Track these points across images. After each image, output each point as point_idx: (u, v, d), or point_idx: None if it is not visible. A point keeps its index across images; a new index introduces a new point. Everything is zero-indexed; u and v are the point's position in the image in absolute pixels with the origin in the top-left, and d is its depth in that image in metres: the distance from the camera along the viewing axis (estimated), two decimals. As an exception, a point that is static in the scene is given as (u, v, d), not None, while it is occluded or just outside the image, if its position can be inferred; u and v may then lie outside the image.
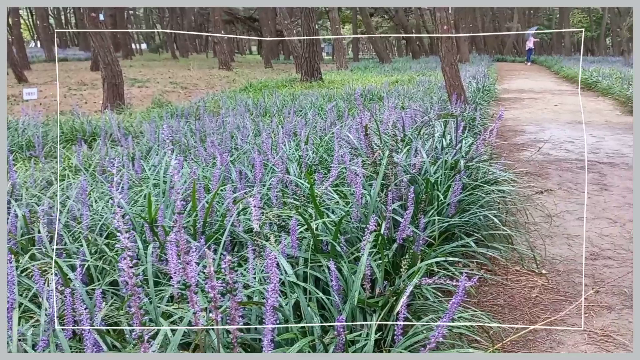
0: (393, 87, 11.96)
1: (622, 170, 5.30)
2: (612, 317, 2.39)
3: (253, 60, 36.07)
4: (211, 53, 36.61)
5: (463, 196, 2.80)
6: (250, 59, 39.71)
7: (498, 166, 3.73)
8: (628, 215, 3.87)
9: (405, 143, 3.44)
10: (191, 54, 38.47)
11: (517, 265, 2.94)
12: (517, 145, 6.73)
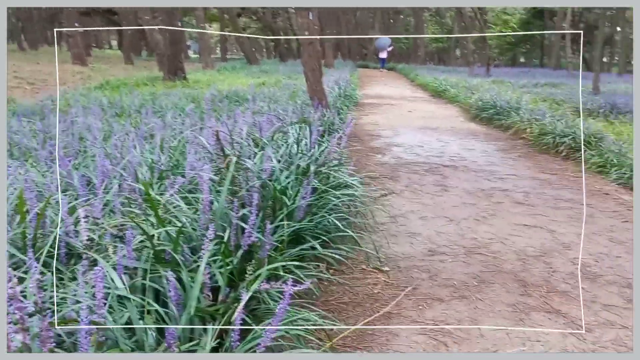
0: (259, 89, 12.02)
1: (461, 173, 5.85)
2: (442, 308, 2.64)
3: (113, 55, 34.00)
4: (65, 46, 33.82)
5: (313, 200, 2.91)
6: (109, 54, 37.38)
7: (349, 170, 3.92)
8: (462, 214, 4.28)
9: (259, 148, 3.48)
10: (42, 46, 35.18)
11: (364, 264, 3.12)
12: (373, 148, 7.12)
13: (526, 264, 3.26)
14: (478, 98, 11.42)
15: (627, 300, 2.77)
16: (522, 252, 3.48)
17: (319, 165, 3.25)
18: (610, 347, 2.30)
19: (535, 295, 2.80)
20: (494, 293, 2.82)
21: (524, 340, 2.33)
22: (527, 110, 9.19)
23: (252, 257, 2.15)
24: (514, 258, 3.36)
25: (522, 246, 3.58)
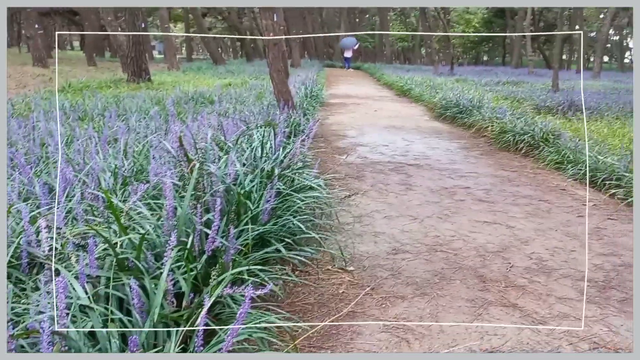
0: (226, 90, 11.97)
1: (425, 171, 5.97)
2: (404, 305, 2.71)
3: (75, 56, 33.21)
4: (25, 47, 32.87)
5: (277, 203, 2.95)
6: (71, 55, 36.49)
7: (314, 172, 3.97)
8: (426, 212, 4.39)
9: (224, 152, 3.50)
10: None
11: (329, 264, 3.18)
12: (339, 148, 7.19)
13: (486, 260, 3.37)
14: (442, 97, 11.64)
15: (580, 292, 2.90)
16: (482, 248, 3.59)
17: (283, 168, 3.30)
18: (564, 338, 2.41)
19: (493, 290, 2.91)
20: (454, 289, 2.91)
21: (482, 334, 2.43)
22: (488, 109, 9.42)
23: (216, 261, 2.18)
24: (474, 254, 3.47)
25: (482, 242, 3.70)
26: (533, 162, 6.61)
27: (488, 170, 6.09)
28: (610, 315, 2.65)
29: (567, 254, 3.51)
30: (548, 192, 5.16)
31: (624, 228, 4.09)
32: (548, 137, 6.92)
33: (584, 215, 4.40)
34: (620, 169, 5.20)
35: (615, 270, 3.25)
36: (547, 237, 3.85)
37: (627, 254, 3.51)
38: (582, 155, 5.91)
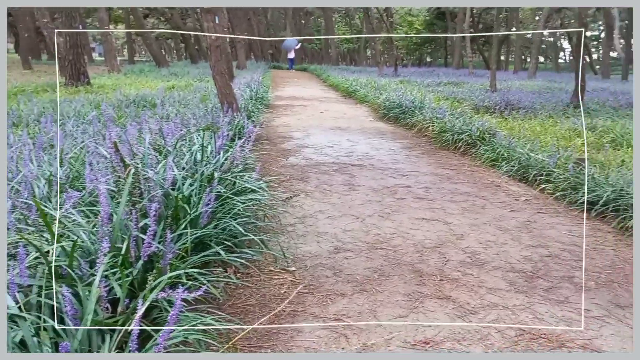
0: (169, 93, 11.77)
1: (368, 171, 6.10)
2: (344, 302, 2.79)
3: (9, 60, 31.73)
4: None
5: (217, 206, 2.97)
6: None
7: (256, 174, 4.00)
8: (368, 212, 4.50)
9: (163, 156, 3.48)
10: None
11: (272, 265, 3.22)
12: (285, 150, 7.23)
13: (423, 256, 3.50)
14: (386, 98, 11.88)
15: (509, 283, 3.07)
16: (420, 244, 3.73)
17: (224, 172, 3.31)
18: (492, 326, 2.55)
19: (429, 284, 3.03)
20: (392, 284, 3.02)
21: (417, 326, 2.54)
22: (429, 109, 9.70)
23: (153, 266, 2.18)
24: (412, 250, 3.60)
25: (420, 239, 3.84)
26: (471, 160, 6.87)
27: (428, 169, 6.29)
28: (536, 303, 2.82)
29: (498, 247, 3.69)
30: (483, 189, 5.39)
31: (552, 221, 4.33)
32: (484, 136, 7.21)
33: (516, 210, 4.64)
34: (550, 165, 5.50)
35: (543, 260, 3.44)
36: (481, 231, 4.03)
37: (554, 245, 3.73)
38: (515, 152, 6.20)
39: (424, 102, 10.84)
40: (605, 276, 3.21)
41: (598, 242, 3.82)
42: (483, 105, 11.85)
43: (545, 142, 7.03)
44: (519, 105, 11.61)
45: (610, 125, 8.87)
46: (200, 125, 6.02)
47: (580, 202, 4.60)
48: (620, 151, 6.94)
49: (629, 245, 3.76)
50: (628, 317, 2.67)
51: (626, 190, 4.30)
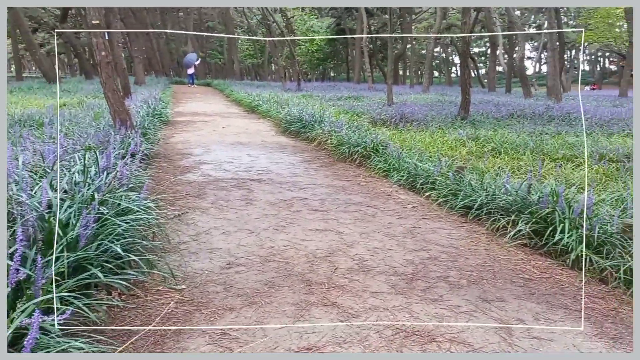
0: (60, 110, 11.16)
1: (266, 185, 6.18)
2: (232, 316, 2.83)
3: None
4: None
5: (98, 228, 2.90)
6: None
7: (144, 193, 3.94)
8: (263, 225, 4.56)
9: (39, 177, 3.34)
10: None
11: (160, 285, 3.19)
12: (182, 167, 7.12)
13: (314, 265, 3.62)
14: (287, 112, 12.07)
15: (391, 286, 3.26)
16: (311, 254, 3.85)
17: (108, 192, 3.23)
18: (372, 327, 2.70)
19: (317, 292, 3.15)
20: (281, 295, 3.10)
21: (301, 334, 2.63)
22: (328, 123, 9.99)
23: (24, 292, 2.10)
24: (304, 261, 3.70)
25: (312, 249, 3.96)
26: (366, 171, 7.17)
27: (325, 181, 6.48)
28: (414, 303, 3.02)
29: (385, 252, 3.91)
30: (376, 198, 5.65)
31: (435, 226, 4.65)
32: (378, 148, 7.56)
33: (404, 217, 4.92)
34: (435, 173, 5.88)
35: (423, 263, 3.69)
36: (370, 239, 4.24)
37: (434, 248, 4.01)
38: (405, 162, 6.56)
39: (324, 116, 11.14)
40: (477, 274, 3.50)
41: (473, 243, 4.15)
42: (380, 119, 12.40)
43: (433, 152, 7.51)
44: (412, 118, 12.27)
45: (492, 135, 9.63)
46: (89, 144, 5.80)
47: (459, 207, 4.97)
48: (498, 159, 7.57)
49: (499, 245, 4.12)
50: (493, 310, 2.94)
51: (498, 194, 4.71)
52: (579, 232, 3.71)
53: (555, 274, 3.52)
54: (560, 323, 2.80)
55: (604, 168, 6.70)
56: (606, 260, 3.43)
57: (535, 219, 4.06)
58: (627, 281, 3.20)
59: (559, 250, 3.75)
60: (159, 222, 3.87)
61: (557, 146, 8.39)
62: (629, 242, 3.49)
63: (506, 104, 16.62)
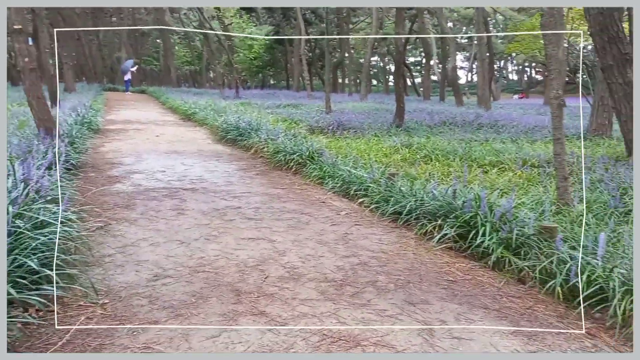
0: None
1: (200, 195, 6.08)
2: (156, 330, 2.76)
3: None
4: None
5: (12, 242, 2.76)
6: None
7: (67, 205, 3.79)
8: (194, 235, 4.49)
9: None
10: None
11: (82, 300, 3.07)
12: (112, 177, 6.89)
13: (244, 275, 3.60)
14: (224, 120, 11.95)
15: (320, 293, 3.29)
16: (242, 264, 3.82)
17: (23, 205, 3.09)
18: (299, 335, 2.72)
19: (246, 302, 3.13)
20: (209, 306, 3.06)
21: (227, 344, 2.61)
22: (265, 131, 9.97)
23: None
24: (234, 271, 3.67)
25: (243, 258, 3.93)
26: (302, 178, 7.20)
27: (260, 189, 6.45)
28: (342, 308, 3.06)
29: (316, 259, 3.94)
30: (310, 205, 5.69)
31: (367, 232, 4.73)
32: (314, 156, 7.62)
33: (337, 223, 4.98)
34: (368, 180, 5.99)
35: (353, 269, 3.75)
36: (302, 246, 4.26)
37: (364, 254, 4.08)
38: (339, 170, 6.65)
39: (261, 124, 11.11)
40: (404, 278, 3.59)
41: (402, 248, 4.26)
42: (318, 126, 12.51)
43: (368, 160, 7.65)
44: (350, 126, 12.47)
45: (425, 142, 9.93)
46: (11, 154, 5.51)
47: (390, 212, 5.09)
48: (430, 165, 7.81)
49: (427, 248, 4.25)
50: (417, 313, 3.03)
51: (426, 199, 4.86)
52: (499, 235, 3.89)
53: (477, 275, 3.67)
54: (479, 322, 2.92)
55: (527, 173, 7.05)
56: (524, 261, 3.61)
57: (460, 223, 4.22)
58: (542, 280, 3.38)
59: (481, 253, 3.92)
60: (81, 234, 3.73)
61: (485, 153, 8.74)
62: (544, 243, 3.69)
63: (439, 112, 17.18)
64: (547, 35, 4.90)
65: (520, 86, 59.56)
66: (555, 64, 4.95)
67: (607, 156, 7.88)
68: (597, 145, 9.86)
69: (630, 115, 7.47)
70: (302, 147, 7.96)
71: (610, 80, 7.63)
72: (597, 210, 4.91)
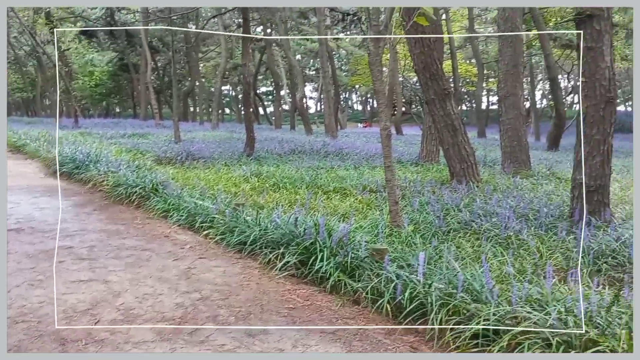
0: None
1: (26, 236, 5.52)
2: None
3: None
4: None
5: None
6: None
7: None
8: (16, 281, 4.05)
9: None
10: None
11: None
12: None
13: (72, 321, 3.32)
14: (59, 152, 11.04)
15: (156, 333, 3.15)
16: (71, 309, 3.52)
17: None
18: None
19: (72, 350, 2.89)
20: None
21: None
22: (105, 162, 9.41)
23: None
24: (61, 317, 3.37)
25: (73, 303, 3.63)
26: (144, 212, 6.88)
27: (98, 226, 6.04)
28: (178, 348, 2.97)
29: (154, 298, 3.77)
30: (152, 241, 5.45)
31: (211, 264, 4.66)
32: (158, 188, 7.35)
33: (180, 258, 4.83)
34: (214, 211, 5.92)
35: (194, 305, 3.66)
36: (141, 285, 4.06)
37: (207, 288, 4.01)
38: (184, 202, 6.49)
39: (101, 155, 10.47)
40: (246, 309, 3.59)
41: (246, 279, 4.26)
42: (165, 157, 12.12)
43: (216, 190, 7.57)
44: (199, 155, 12.27)
45: (274, 170, 10.12)
46: None
47: (235, 243, 5.08)
48: (277, 193, 7.96)
49: (270, 277, 4.30)
50: (256, 344, 3.05)
51: (270, 228, 4.94)
52: (336, 259, 4.08)
53: (316, 300, 3.80)
54: (314, 348, 3.02)
55: (366, 198, 7.52)
56: (358, 283, 3.82)
57: (301, 250, 4.35)
58: (374, 300, 3.61)
59: (320, 278, 4.07)
60: None
61: (330, 180, 9.15)
62: (376, 265, 3.94)
63: (289, 140, 17.67)
64: (374, 72, 5.34)
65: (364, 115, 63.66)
66: (382, 98, 5.40)
67: (434, 180, 8.72)
68: (427, 170, 10.87)
69: (451, 143, 8.40)
70: (146, 179, 7.64)
71: (433, 113, 8.52)
72: (425, 230, 5.39)
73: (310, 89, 61.02)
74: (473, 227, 5.39)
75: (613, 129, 5.52)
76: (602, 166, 5.47)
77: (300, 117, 30.53)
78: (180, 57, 32.37)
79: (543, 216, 5.50)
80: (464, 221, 5.58)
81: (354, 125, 53.89)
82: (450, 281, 3.41)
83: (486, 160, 12.48)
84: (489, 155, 13.59)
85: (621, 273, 4.08)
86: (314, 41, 36.29)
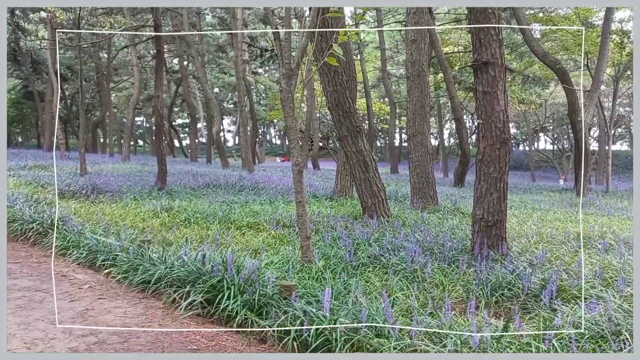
0: None
1: None
2: None
3: None
4: None
5: None
6: None
7: None
8: None
9: None
10: None
11: None
12: None
13: (-55, 374, 2.99)
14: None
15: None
16: (-55, 360, 3.18)
17: None
18: None
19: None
20: None
21: None
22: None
23: None
24: None
25: (-52, 353, 3.28)
26: (41, 250, 6.44)
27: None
28: (68, 398, 2.75)
29: (45, 343, 3.50)
30: (48, 281, 5.09)
31: (110, 305, 4.41)
32: (57, 224, 6.90)
33: (77, 299, 4.53)
34: (117, 248, 5.64)
35: (89, 349, 3.43)
36: (31, 329, 3.76)
37: (105, 331, 3.78)
38: (85, 238, 6.14)
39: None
40: (145, 353, 3.41)
41: (147, 320, 4.07)
42: (69, 190, 11.46)
43: (121, 226, 7.23)
44: (106, 189, 11.71)
45: (186, 205, 9.85)
46: None
47: (138, 282, 4.85)
48: (188, 229, 7.74)
49: (174, 317, 4.14)
50: (154, 389, 2.89)
51: (176, 266, 4.77)
52: (244, 297, 4.01)
53: (221, 340, 3.69)
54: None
55: (280, 233, 7.50)
56: (265, 320, 3.76)
57: (208, 288, 4.23)
58: (280, 337, 3.56)
59: (226, 316, 3.97)
60: None
61: (244, 214, 9.05)
62: (284, 301, 3.91)
63: (204, 174, 17.34)
64: (286, 109, 5.42)
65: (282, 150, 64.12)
66: (294, 134, 5.47)
67: (347, 215, 8.89)
68: (341, 205, 11.06)
69: (363, 179, 8.64)
70: (44, 214, 7.17)
71: (346, 149, 8.75)
72: (335, 264, 5.44)
73: (229, 122, 60.77)
74: (382, 261, 5.52)
75: (508, 168, 5.93)
76: (499, 202, 5.83)
77: (217, 150, 30.19)
78: (90, 87, 31.17)
79: (447, 250, 5.74)
80: (374, 255, 5.70)
81: (272, 159, 54.13)
82: (355, 316, 3.45)
83: (397, 196, 12.92)
84: (399, 191, 14.09)
85: (516, 304, 4.32)
86: (232, 75, 36.32)
